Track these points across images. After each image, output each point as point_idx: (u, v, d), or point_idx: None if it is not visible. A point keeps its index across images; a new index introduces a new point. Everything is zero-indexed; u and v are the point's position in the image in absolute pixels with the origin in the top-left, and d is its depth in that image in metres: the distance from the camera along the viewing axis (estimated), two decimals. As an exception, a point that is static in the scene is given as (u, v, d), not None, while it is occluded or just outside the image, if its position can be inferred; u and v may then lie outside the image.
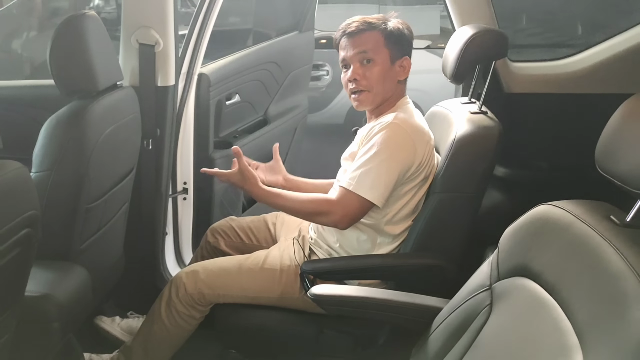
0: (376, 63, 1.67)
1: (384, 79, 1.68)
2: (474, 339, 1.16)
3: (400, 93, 1.74)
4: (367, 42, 1.67)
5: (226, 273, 1.71)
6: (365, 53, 1.67)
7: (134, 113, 1.91)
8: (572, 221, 1.01)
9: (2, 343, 1.25)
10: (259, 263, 1.72)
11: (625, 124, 0.96)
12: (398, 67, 1.70)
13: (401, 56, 1.69)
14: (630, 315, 0.81)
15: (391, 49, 1.68)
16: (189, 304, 1.70)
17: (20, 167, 1.15)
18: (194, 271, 1.73)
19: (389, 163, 1.57)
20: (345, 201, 1.59)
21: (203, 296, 1.69)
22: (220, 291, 1.69)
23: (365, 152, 1.61)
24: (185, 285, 1.70)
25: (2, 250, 1.12)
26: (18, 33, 3.67)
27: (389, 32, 1.68)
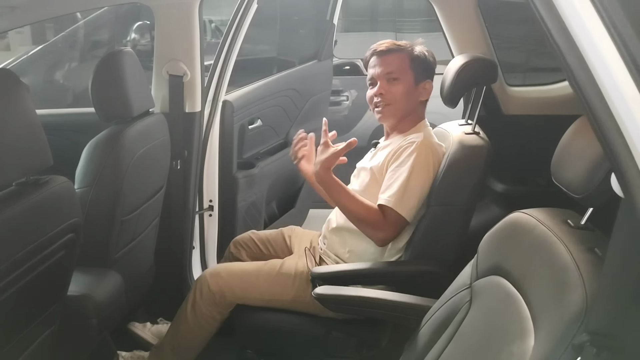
0: (401, 82, 1.84)
1: (407, 96, 1.85)
2: (455, 331, 1.30)
3: (420, 114, 1.90)
4: (395, 63, 1.85)
5: (246, 275, 1.88)
6: (391, 72, 1.84)
7: (164, 136, 2.12)
8: (535, 225, 1.16)
9: (48, 334, 1.45)
10: (276, 269, 1.89)
11: (572, 140, 1.11)
12: (421, 89, 1.87)
13: (424, 79, 1.86)
14: (568, 299, 0.95)
15: (416, 71, 1.85)
16: (211, 303, 1.86)
17: (66, 181, 1.36)
18: (217, 271, 1.91)
19: (423, 185, 1.73)
20: (393, 221, 1.72)
21: (223, 295, 1.86)
22: (240, 292, 1.86)
23: (399, 169, 1.74)
24: (208, 284, 1.87)
25: (50, 252, 1.33)
26: (61, 64, 3.95)
27: (415, 56, 1.86)
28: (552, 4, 0.80)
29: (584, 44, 0.78)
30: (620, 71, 0.73)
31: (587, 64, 0.78)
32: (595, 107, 0.76)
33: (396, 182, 1.73)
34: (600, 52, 0.75)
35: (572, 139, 1.12)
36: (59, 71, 3.92)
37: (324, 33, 3.24)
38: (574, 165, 1.08)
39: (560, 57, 0.82)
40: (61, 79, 3.91)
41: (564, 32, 0.79)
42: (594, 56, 0.77)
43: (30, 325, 1.35)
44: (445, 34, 2.16)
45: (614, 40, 0.74)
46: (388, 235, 1.74)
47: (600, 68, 0.75)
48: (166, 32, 2.15)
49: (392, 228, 1.73)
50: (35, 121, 1.24)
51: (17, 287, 1.21)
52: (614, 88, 0.75)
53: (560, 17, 0.80)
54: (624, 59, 0.74)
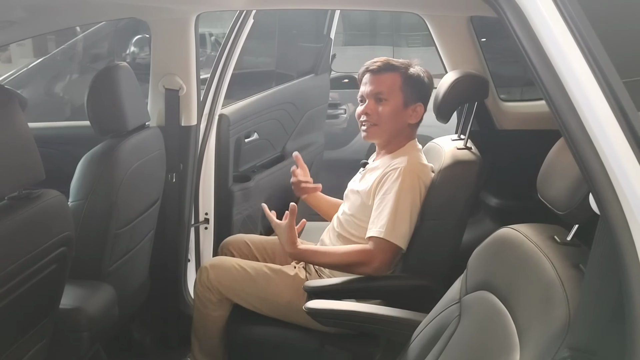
0: (389, 103, 1.81)
1: (394, 118, 1.82)
2: (445, 346, 1.30)
3: (409, 135, 1.87)
4: (385, 83, 1.82)
5: (244, 271, 1.90)
6: (380, 93, 1.82)
7: (160, 150, 2.13)
8: (522, 241, 1.17)
9: (40, 348, 1.46)
10: (275, 270, 1.91)
11: (556, 157, 1.13)
12: (410, 111, 1.83)
13: (415, 102, 1.82)
14: (552, 315, 0.96)
15: (406, 93, 1.81)
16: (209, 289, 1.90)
17: (58, 195, 1.37)
18: (220, 259, 1.96)
19: (412, 209, 1.72)
20: (382, 249, 1.71)
21: (219, 286, 1.89)
22: (237, 286, 1.89)
23: (385, 197, 1.73)
24: (208, 272, 1.91)
25: (42, 265, 1.33)
26: (61, 77, 3.98)
27: (408, 76, 1.82)
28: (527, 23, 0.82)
29: (560, 66, 0.79)
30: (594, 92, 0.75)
31: (563, 85, 0.80)
32: (570, 128, 0.78)
33: (384, 211, 1.72)
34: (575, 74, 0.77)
35: (556, 156, 1.13)
36: (59, 84, 3.95)
37: (321, 47, 3.27)
38: (557, 182, 1.09)
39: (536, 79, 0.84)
40: (61, 91, 3.94)
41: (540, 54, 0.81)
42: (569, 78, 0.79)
43: (22, 339, 1.36)
44: (438, 50, 2.18)
45: (588, 63, 0.76)
46: (380, 265, 1.73)
47: (576, 90, 0.77)
48: (162, 46, 2.17)
49: (385, 257, 1.72)
50: (27, 136, 1.26)
51: (7, 300, 1.22)
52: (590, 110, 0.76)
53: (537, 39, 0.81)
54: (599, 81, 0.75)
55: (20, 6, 1.81)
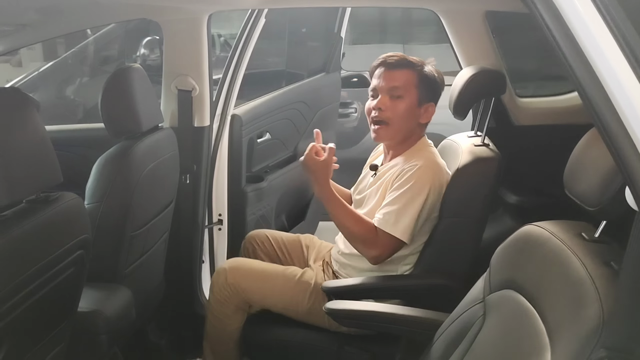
0: (404, 100, 1.78)
1: (408, 116, 1.78)
2: (469, 346, 1.28)
3: (419, 134, 1.84)
4: (401, 79, 1.78)
5: (265, 275, 1.85)
6: (396, 89, 1.77)
7: (173, 151, 2.12)
8: (548, 238, 1.15)
9: (59, 351, 1.45)
10: (296, 276, 1.87)
11: (585, 151, 1.10)
12: (423, 111, 1.80)
13: (428, 101, 1.80)
14: (585, 313, 0.93)
15: (421, 91, 1.78)
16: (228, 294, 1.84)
17: (76, 198, 1.36)
18: (238, 262, 1.89)
19: (421, 207, 1.70)
20: (385, 241, 1.71)
21: (237, 289, 1.83)
22: (256, 290, 1.83)
23: (398, 192, 1.71)
24: (226, 275, 1.85)
25: (60, 269, 1.32)
26: (72, 80, 3.98)
27: (424, 75, 1.78)
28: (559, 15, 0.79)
29: (592, 55, 0.77)
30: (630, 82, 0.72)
31: (596, 74, 0.77)
32: (605, 120, 0.75)
33: (392, 203, 1.71)
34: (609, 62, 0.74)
35: (585, 150, 1.10)
36: (70, 87, 3.96)
37: (331, 46, 3.25)
38: (587, 177, 1.06)
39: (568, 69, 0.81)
40: (72, 94, 3.94)
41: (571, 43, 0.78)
42: (602, 67, 0.76)
43: (41, 342, 1.35)
44: (452, 46, 2.15)
45: (622, 51, 0.73)
46: (380, 254, 1.72)
47: (610, 79, 0.74)
48: (174, 47, 2.16)
49: (384, 248, 1.71)
50: (45, 138, 1.25)
51: (27, 304, 1.21)
52: (625, 99, 0.74)
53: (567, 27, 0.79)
54: (634, 69, 0.73)
55: (32, 9, 1.81)
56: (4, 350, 1.19)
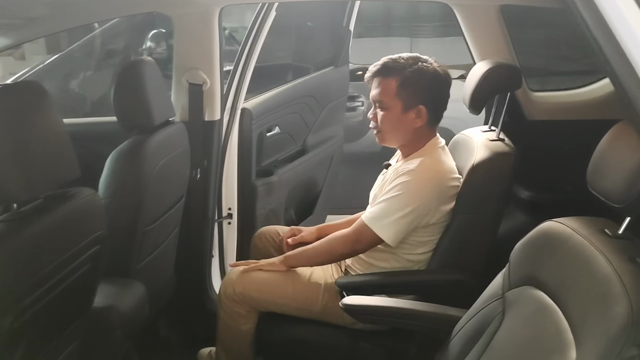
0: (387, 111, 1.76)
1: (395, 126, 1.77)
2: (488, 343, 1.28)
3: (426, 136, 1.78)
4: (382, 89, 1.75)
5: (274, 280, 1.83)
6: (379, 101, 1.76)
7: (184, 146, 2.11)
8: (570, 234, 1.14)
9: (75, 346, 1.45)
10: (306, 276, 1.85)
11: (610, 147, 1.09)
12: (412, 116, 1.74)
13: (416, 105, 1.73)
14: (612, 310, 0.93)
15: (403, 99, 1.73)
16: (237, 302, 1.81)
17: (93, 193, 1.35)
18: (243, 277, 1.84)
19: (407, 208, 1.68)
20: (360, 231, 1.74)
21: (247, 298, 1.81)
22: (267, 296, 1.81)
23: (388, 192, 1.72)
24: (234, 285, 1.82)
25: (78, 264, 1.32)
26: (77, 73, 3.97)
27: (404, 80, 1.72)
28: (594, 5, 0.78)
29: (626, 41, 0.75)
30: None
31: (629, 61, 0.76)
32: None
33: (381, 203, 1.72)
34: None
35: (610, 146, 1.09)
36: (75, 80, 3.94)
37: (339, 39, 3.23)
38: (612, 173, 1.05)
39: (606, 65, 0.80)
40: (77, 88, 3.93)
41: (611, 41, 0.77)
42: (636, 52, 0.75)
43: (58, 338, 1.35)
44: (466, 40, 2.14)
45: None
46: (355, 245, 1.76)
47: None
48: (186, 40, 2.15)
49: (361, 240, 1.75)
50: (62, 133, 1.24)
51: (46, 300, 1.21)
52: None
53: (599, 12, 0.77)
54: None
55: (41, 3, 1.80)
56: (24, 345, 1.18)
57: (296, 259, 1.84)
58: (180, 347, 2.35)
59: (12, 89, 1.19)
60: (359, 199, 2.19)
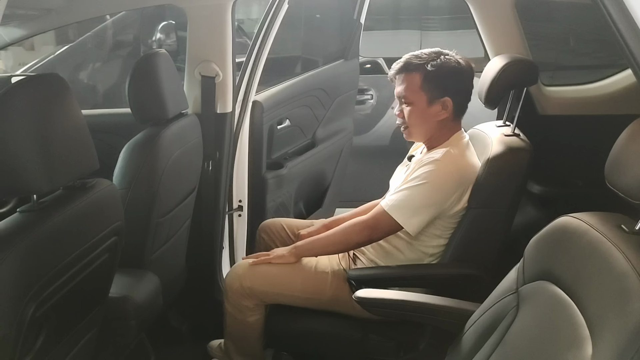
0: (413, 105, 1.77)
1: (421, 120, 1.78)
2: (502, 337, 1.28)
3: (450, 129, 1.80)
4: (406, 84, 1.77)
5: (281, 272, 1.84)
6: (404, 97, 1.78)
7: (197, 138, 2.12)
8: (586, 230, 1.14)
9: (91, 336, 1.46)
10: (313, 266, 1.86)
11: (629, 143, 1.09)
12: (437, 109, 1.76)
13: (441, 97, 1.75)
14: (631, 307, 0.93)
15: (428, 92, 1.75)
16: (243, 296, 1.82)
17: (111, 184, 1.36)
18: (248, 271, 1.84)
19: (428, 198, 1.69)
20: (378, 218, 1.74)
21: (255, 292, 1.82)
22: (275, 289, 1.82)
23: (411, 180, 1.73)
24: (241, 279, 1.83)
25: (95, 256, 1.33)
26: (87, 64, 3.98)
27: (429, 73, 1.74)
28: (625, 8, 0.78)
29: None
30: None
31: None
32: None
33: (403, 191, 1.72)
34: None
35: (629, 142, 1.09)
36: (84, 71, 3.95)
37: (349, 32, 3.23)
38: (632, 169, 1.06)
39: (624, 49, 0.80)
40: (86, 79, 3.93)
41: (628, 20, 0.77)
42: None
43: (76, 327, 1.36)
44: (480, 34, 2.13)
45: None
46: (373, 232, 1.75)
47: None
48: (199, 33, 2.15)
49: (381, 227, 1.74)
50: (83, 125, 1.25)
51: (66, 289, 1.22)
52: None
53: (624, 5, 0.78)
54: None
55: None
56: (43, 335, 1.20)
57: (307, 249, 1.84)
58: (190, 338, 2.36)
59: (35, 81, 1.19)
60: (368, 192, 2.20)
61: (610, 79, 2.14)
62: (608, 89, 2.11)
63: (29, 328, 1.10)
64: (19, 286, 1.07)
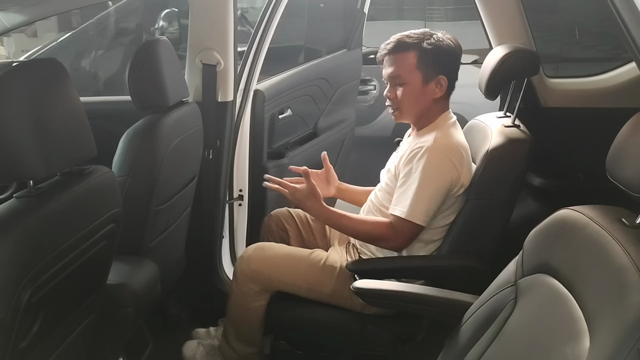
0: (407, 85, 1.75)
1: (416, 99, 1.77)
2: (499, 330, 1.28)
3: (440, 108, 1.80)
4: (400, 64, 1.75)
5: (289, 258, 1.85)
6: (397, 77, 1.76)
7: (198, 126, 2.11)
8: (587, 223, 1.13)
9: (88, 323, 1.46)
10: (321, 260, 1.85)
11: (631, 136, 1.08)
12: (432, 87, 1.76)
13: (436, 75, 1.75)
14: (629, 301, 0.93)
15: (424, 70, 1.74)
16: (252, 278, 1.82)
17: (109, 171, 1.36)
18: (262, 247, 1.87)
19: (435, 188, 1.68)
20: (404, 229, 1.71)
21: (260, 276, 1.82)
22: (280, 275, 1.82)
23: (409, 176, 1.71)
24: (249, 261, 1.83)
25: (92, 242, 1.33)
26: (89, 52, 3.96)
27: (424, 52, 1.73)
28: None
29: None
30: None
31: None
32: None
33: (408, 191, 1.70)
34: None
35: (631, 134, 1.08)
36: (87, 58, 3.94)
37: (353, 22, 3.21)
38: (633, 162, 1.04)
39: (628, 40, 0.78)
40: (88, 66, 3.92)
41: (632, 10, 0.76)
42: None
43: (73, 314, 1.36)
44: (483, 24, 2.11)
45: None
46: (402, 245, 1.74)
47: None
48: (201, 20, 2.14)
49: (406, 236, 1.73)
50: (80, 111, 1.24)
51: (62, 276, 1.22)
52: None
53: None
54: None
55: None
56: (39, 321, 1.20)
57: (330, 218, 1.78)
58: (188, 326, 2.36)
59: (32, 65, 1.18)
60: (370, 182, 2.19)
61: (614, 71, 2.12)
62: (612, 82, 2.09)
63: (24, 313, 1.10)
64: (14, 271, 1.06)
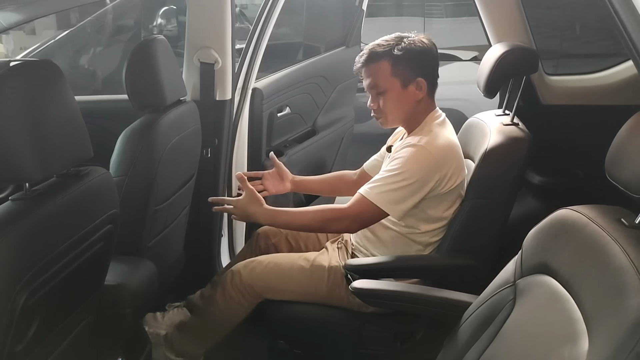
0: (387, 92, 1.75)
1: (398, 105, 1.76)
2: (498, 330, 1.27)
3: (425, 109, 1.78)
4: (376, 74, 1.75)
5: (279, 269, 1.85)
6: (375, 86, 1.76)
7: (196, 125, 2.11)
8: (586, 223, 1.13)
9: (86, 324, 1.46)
10: (310, 262, 1.86)
11: (631, 136, 1.07)
12: (412, 90, 1.75)
13: (414, 78, 1.74)
14: (628, 303, 0.92)
15: (400, 76, 1.73)
16: (241, 292, 1.83)
17: (106, 172, 1.35)
18: (251, 265, 1.87)
19: (410, 181, 1.66)
20: (358, 206, 1.68)
21: (254, 288, 1.83)
22: (272, 285, 1.83)
23: (389, 167, 1.71)
24: (241, 276, 1.84)
25: (90, 243, 1.32)
26: (87, 49, 3.95)
27: (396, 58, 1.72)
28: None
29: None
30: None
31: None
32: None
33: (379, 176, 1.69)
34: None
35: (631, 135, 1.08)
36: (85, 56, 3.93)
37: (351, 19, 3.20)
38: (632, 163, 1.04)
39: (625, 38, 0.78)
40: (87, 64, 3.91)
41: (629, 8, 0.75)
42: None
43: (70, 315, 1.36)
44: (482, 21, 2.10)
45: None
46: (352, 222, 1.70)
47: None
48: (198, 19, 2.13)
49: (354, 212, 1.68)
50: (76, 113, 1.24)
51: (60, 277, 1.21)
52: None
53: None
54: None
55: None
56: (36, 324, 1.19)
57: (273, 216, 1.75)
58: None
59: (27, 67, 1.18)
60: (368, 179, 2.19)
61: (614, 69, 2.11)
62: (611, 79, 2.08)
63: (20, 316, 1.10)
64: (10, 274, 1.06)
